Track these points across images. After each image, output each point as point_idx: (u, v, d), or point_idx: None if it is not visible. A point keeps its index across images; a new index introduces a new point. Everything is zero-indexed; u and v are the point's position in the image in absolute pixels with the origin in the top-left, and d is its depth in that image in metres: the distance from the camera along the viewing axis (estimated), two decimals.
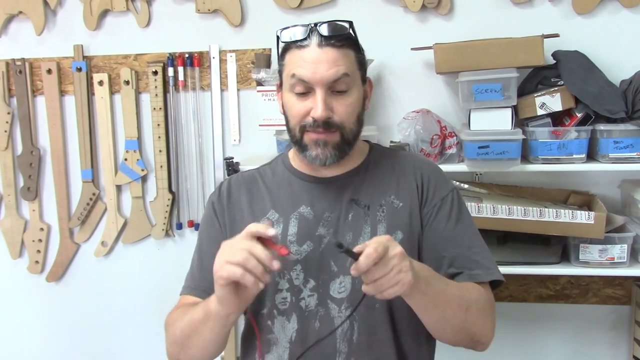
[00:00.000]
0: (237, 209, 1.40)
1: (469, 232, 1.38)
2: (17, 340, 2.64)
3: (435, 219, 1.35)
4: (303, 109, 1.28)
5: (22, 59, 2.43)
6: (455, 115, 2.21)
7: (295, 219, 1.35)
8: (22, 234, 2.55)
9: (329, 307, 1.30)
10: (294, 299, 1.31)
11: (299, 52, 1.28)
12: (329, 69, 1.25)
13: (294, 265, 1.32)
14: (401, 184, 1.38)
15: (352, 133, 1.31)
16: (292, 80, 1.28)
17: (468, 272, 1.32)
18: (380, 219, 1.34)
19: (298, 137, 1.31)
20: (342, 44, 1.27)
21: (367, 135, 2.12)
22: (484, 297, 1.30)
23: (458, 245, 1.34)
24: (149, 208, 2.47)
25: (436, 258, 1.33)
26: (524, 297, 2.30)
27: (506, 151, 1.96)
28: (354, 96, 1.30)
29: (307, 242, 1.33)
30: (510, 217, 1.97)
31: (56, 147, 2.48)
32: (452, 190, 1.40)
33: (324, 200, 1.36)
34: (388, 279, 1.08)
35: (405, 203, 1.36)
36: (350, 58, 1.29)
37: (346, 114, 1.28)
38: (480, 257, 1.35)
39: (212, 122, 2.39)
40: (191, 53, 2.35)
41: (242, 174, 1.48)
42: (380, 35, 2.23)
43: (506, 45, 1.95)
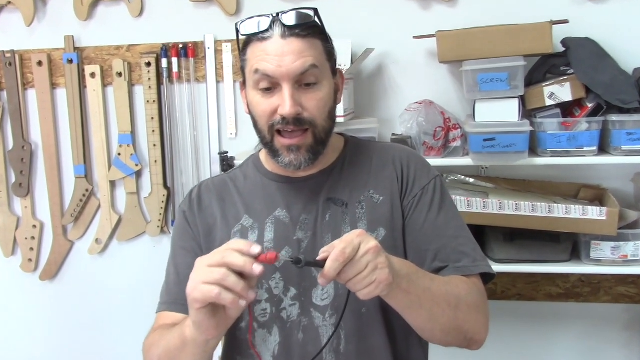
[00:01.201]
0: (209, 216, 1.31)
1: (454, 222, 1.28)
2: (10, 339, 2.58)
3: (416, 209, 1.25)
4: (269, 107, 1.19)
5: (12, 51, 2.36)
6: (460, 106, 2.12)
7: (272, 224, 1.26)
8: (14, 232, 2.48)
9: (312, 316, 1.21)
10: (274, 309, 1.22)
11: (261, 45, 1.18)
12: (294, 61, 1.15)
13: (272, 274, 1.22)
14: (380, 176, 1.29)
15: (324, 131, 1.22)
16: (256, 76, 1.18)
17: (454, 265, 1.22)
18: (360, 216, 1.25)
19: (268, 140, 1.22)
20: (308, 33, 1.18)
21: (367, 128, 2.05)
22: (474, 292, 1.19)
23: (442, 237, 1.24)
24: (143, 204, 2.39)
25: (419, 251, 1.24)
26: (532, 295, 2.21)
27: (513, 144, 1.87)
28: (324, 90, 1.20)
29: (286, 248, 1.24)
30: (517, 213, 1.88)
31: (48, 141, 2.40)
32: (434, 178, 1.30)
33: (300, 202, 1.27)
34: (362, 277, 0.98)
35: (385, 197, 1.27)
36: (317, 48, 1.19)
37: (317, 110, 1.19)
38: (466, 248, 1.25)
39: (207, 115, 2.30)
40: (185, 43, 2.26)
41: (212, 180, 1.39)
42: (382, 23, 2.14)
43: (513, 32, 1.85)
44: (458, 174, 2.12)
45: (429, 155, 1.98)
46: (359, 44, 2.09)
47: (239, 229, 1.27)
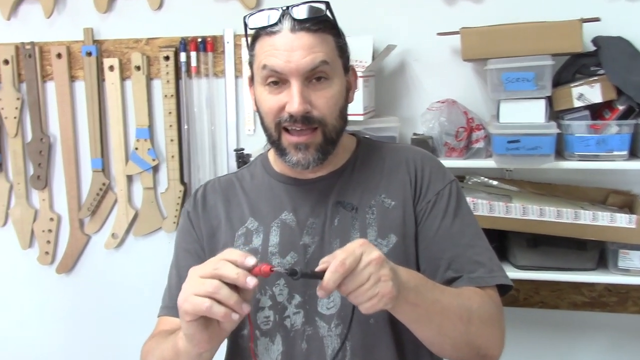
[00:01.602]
0: (213, 217, 1.27)
1: (470, 230, 1.21)
2: (26, 331, 2.57)
3: (430, 216, 1.19)
4: (277, 103, 1.13)
5: (32, 43, 2.35)
6: (485, 106, 2.04)
7: (277, 227, 1.21)
8: (32, 224, 2.47)
9: (317, 326, 1.15)
10: (277, 317, 1.17)
11: (269, 40, 1.12)
12: (304, 57, 1.10)
13: (276, 280, 1.17)
14: (393, 180, 1.22)
15: (334, 130, 1.16)
16: (264, 71, 1.13)
17: (468, 275, 1.15)
18: (370, 221, 1.18)
19: (275, 138, 1.17)
20: (319, 27, 1.12)
21: (388, 127, 1.99)
22: (488, 304, 1.13)
23: (456, 245, 1.18)
24: (160, 200, 2.36)
25: (432, 260, 1.18)
26: (556, 303, 2.13)
27: (538, 146, 1.79)
28: (335, 87, 1.15)
29: (291, 253, 1.18)
30: (542, 218, 1.80)
31: (66, 134, 2.39)
32: (449, 182, 1.23)
33: (308, 205, 1.22)
34: (364, 290, 0.92)
35: (397, 202, 1.20)
36: (328, 44, 1.14)
37: (327, 108, 1.13)
38: (482, 257, 1.18)
39: (225, 110, 2.26)
40: (204, 37, 2.22)
41: (218, 179, 1.34)
42: (404, 19, 2.07)
43: (540, 30, 1.77)
44: (481, 176, 2.05)
45: (450, 157, 1.92)
46: (381, 41, 2.03)
47: (244, 232, 1.22)
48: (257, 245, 1.20)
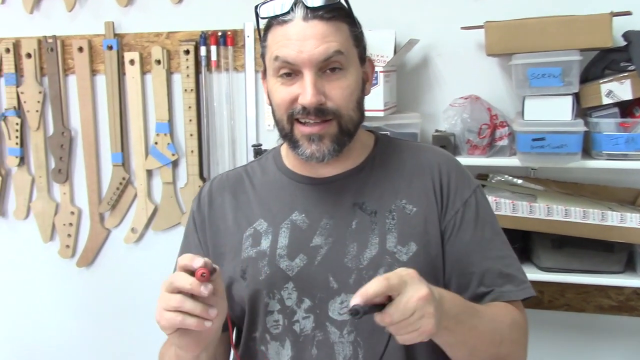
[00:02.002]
0: (220, 217, 1.22)
1: (498, 238, 1.18)
2: (46, 324, 2.59)
3: (461, 228, 1.14)
4: (289, 95, 1.08)
5: (54, 37, 2.35)
6: (510, 102, 1.98)
7: (287, 229, 1.16)
8: (53, 217, 2.48)
9: (327, 331, 1.11)
10: (286, 321, 1.13)
11: (281, 29, 1.07)
12: (317, 46, 1.05)
13: (285, 283, 1.13)
14: (415, 184, 1.17)
15: (351, 121, 1.11)
16: (276, 63, 1.08)
17: (499, 289, 1.12)
18: (390, 227, 1.13)
19: (287, 130, 1.11)
20: (333, 15, 1.06)
21: (409, 124, 1.94)
22: (517, 321, 1.11)
23: (487, 258, 1.14)
24: (179, 195, 2.35)
25: (463, 274, 1.14)
26: (582, 306, 2.06)
27: (565, 144, 1.73)
28: (350, 77, 1.09)
29: (300, 256, 1.14)
30: (567, 219, 1.75)
31: (87, 128, 2.39)
32: (475, 189, 1.19)
33: (322, 205, 1.17)
34: (406, 324, 0.89)
35: (419, 208, 1.15)
36: (343, 32, 1.08)
37: (342, 98, 1.08)
38: (511, 269, 1.15)
39: (245, 105, 2.24)
40: (224, 31, 2.20)
41: (227, 174, 1.29)
42: (428, 12, 2.02)
43: (568, 24, 1.71)
44: (505, 174, 1.99)
45: (472, 154, 1.87)
46: (403, 35, 1.98)
47: (252, 233, 1.18)
48: (265, 247, 1.16)
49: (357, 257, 1.11)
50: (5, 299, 2.61)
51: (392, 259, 1.11)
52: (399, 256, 1.11)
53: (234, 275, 1.16)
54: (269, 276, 1.13)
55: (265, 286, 1.14)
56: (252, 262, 1.15)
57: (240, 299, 1.17)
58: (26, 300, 2.59)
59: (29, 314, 2.60)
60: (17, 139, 2.44)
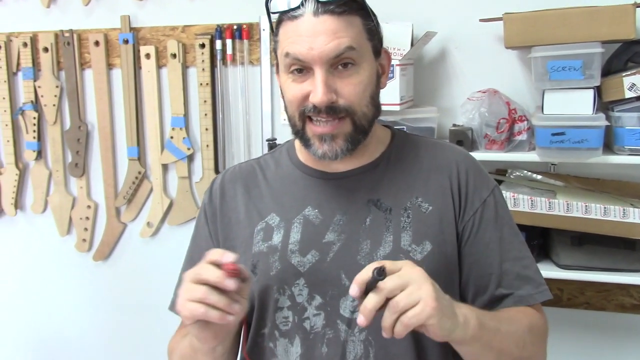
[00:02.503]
0: (232, 210, 1.20)
1: (517, 239, 1.16)
2: (63, 317, 2.60)
3: (480, 228, 1.12)
4: (300, 92, 1.06)
5: (70, 30, 2.35)
6: (529, 96, 1.94)
7: (299, 224, 1.14)
8: (70, 211, 2.49)
9: (338, 329, 1.09)
10: (296, 318, 1.11)
11: (292, 25, 1.04)
12: (328, 43, 1.02)
13: (296, 279, 1.11)
14: (431, 182, 1.15)
15: (365, 118, 1.08)
16: (287, 59, 1.05)
17: (518, 293, 1.11)
18: (405, 225, 1.11)
19: (299, 128, 1.09)
20: (344, 9, 1.03)
21: (426, 118, 1.91)
22: (536, 324, 1.09)
23: (506, 259, 1.12)
24: (195, 189, 2.35)
25: (481, 276, 1.12)
26: (602, 305, 2.02)
27: (585, 139, 1.69)
28: (364, 73, 1.06)
29: (312, 252, 1.12)
30: (587, 215, 1.71)
31: (103, 122, 2.39)
32: (493, 188, 1.16)
33: (335, 201, 1.14)
34: (406, 295, 0.88)
35: (435, 207, 1.13)
36: (355, 26, 1.05)
37: (355, 95, 1.05)
38: (529, 271, 1.14)
39: (261, 99, 2.22)
40: (240, 25, 2.18)
41: (239, 166, 1.26)
42: (445, 4, 1.99)
43: (589, 15, 1.66)
44: (524, 170, 1.95)
45: (490, 149, 1.83)
46: (421, 27, 1.94)
47: (263, 227, 1.16)
48: (276, 242, 1.14)
49: (370, 254, 1.09)
50: (23, 292, 2.62)
51: (406, 257, 1.09)
52: (413, 255, 1.09)
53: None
54: (279, 272, 1.12)
55: (276, 282, 1.12)
56: (263, 257, 1.14)
57: (249, 294, 1.15)
58: (43, 294, 2.60)
59: (46, 308, 2.61)
60: (35, 133, 2.44)
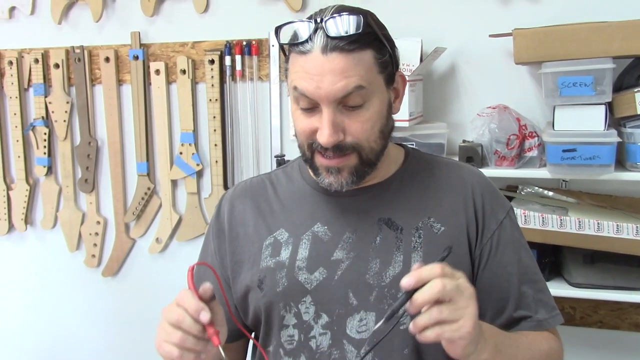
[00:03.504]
0: (240, 224, 1.19)
1: (532, 261, 1.15)
2: (73, 333, 2.60)
3: (497, 251, 1.11)
4: (309, 127, 1.04)
5: (81, 47, 2.36)
6: (541, 112, 1.93)
7: (308, 240, 1.13)
8: (79, 227, 2.49)
9: (344, 349, 1.07)
10: (302, 337, 1.09)
11: (300, 59, 1.01)
12: (336, 83, 0.99)
13: (302, 297, 1.09)
14: (444, 202, 1.13)
15: (373, 152, 1.06)
16: (295, 93, 1.04)
17: (536, 317, 1.11)
18: (416, 245, 1.09)
19: (308, 157, 1.09)
20: (355, 47, 0.99)
21: (435, 134, 1.90)
22: (555, 349, 1.11)
23: (524, 281, 1.11)
24: (204, 205, 2.34)
25: (500, 299, 1.11)
26: (616, 323, 1.98)
27: (597, 156, 1.67)
28: (372, 109, 1.04)
29: (320, 269, 1.10)
30: (599, 233, 1.68)
31: (113, 138, 2.39)
32: (508, 210, 1.15)
33: (345, 218, 1.13)
34: (455, 308, 0.89)
35: (447, 228, 1.11)
36: (365, 63, 1.01)
37: (362, 133, 1.03)
38: (544, 295, 1.14)
39: (270, 115, 2.22)
40: (249, 41, 2.18)
41: (250, 181, 1.26)
42: (455, 20, 1.98)
43: (600, 30, 1.64)
44: (535, 186, 1.93)
45: (500, 166, 1.81)
46: (430, 42, 1.94)
47: (271, 242, 1.15)
48: (284, 258, 1.13)
49: (379, 274, 1.08)
50: (32, 307, 2.62)
51: None
52: None
53: (251, 284, 1.14)
54: (286, 288, 1.10)
55: (282, 298, 1.11)
56: (270, 273, 1.12)
57: (256, 309, 1.14)
58: (52, 309, 2.60)
59: (55, 323, 2.61)
60: (45, 149, 2.46)
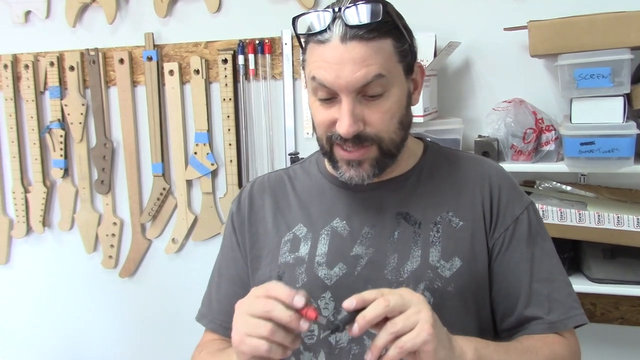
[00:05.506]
0: (259, 220, 1.19)
1: (550, 261, 1.11)
2: (90, 334, 2.61)
3: (510, 246, 1.09)
4: (328, 118, 1.03)
5: (96, 49, 2.37)
6: (556, 105, 1.90)
7: (327, 236, 1.12)
8: (96, 228, 2.50)
9: (364, 345, 1.05)
10: (322, 332, 1.08)
11: (318, 49, 1.00)
12: (355, 72, 0.97)
13: (322, 292, 1.08)
14: (463, 197, 1.11)
15: (393, 143, 1.05)
16: (313, 83, 1.02)
17: (547, 317, 1.06)
18: (434, 240, 1.08)
19: (327, 150, 1.07)
20: (374, 35, 0.98)
21: (450, 129, 1.88)
22: (560, 355, 1.05)
23: (535, 280, 1.08)
24: (219, 204, 2.34)
25: (510, 295, 1.08)
26: (638, 319, 1.95)
27: (615, 148, 1.64)
28: (392, 98, 1.02)
29: (339, 264, 1.09)
30: (619, 227, 1.66)
31: (128, 139, 2.40)
32: (527, 205, 1.12)
33: (364, 213, 1.12)
34: (405, 317, 0.86)
35: (466, 222, 1.09)
36: (385, 52, 1.00)
37: (382, 123, 1.02)
38: (561, 294, 1.09)
39: (284, 113, 2.21)
40: (262, 39, 2.18)
41: (268, 176, 1.25)
42: (469, 14, 1.96)
43: (618, 21, 1.62)
44: (553, 181, 1.90)
45: (517, 160, 1.79)
46: (444, 37, 1.92)
47: (290, 238, 1.14)
48: (303, 254, 1.12)
49: (397, 269, 1.06)
50: (51, 309, 2.64)
51: (434, 273, 1.06)
52: (442, 271, 1.06)
53: (270, 280, 1.12)
54: (306, 284, 1.09)
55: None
56: (289, 268, 1.12)
57: None
58: (70, 311, 2.61)
59: (74, 324, 2.62)
60: (62, 151, 2.47)
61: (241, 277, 1.20)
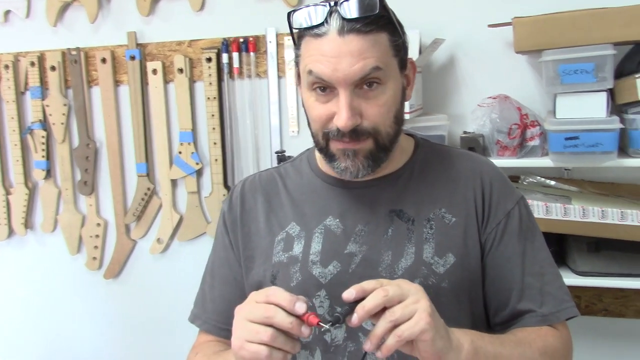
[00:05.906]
0: (251, 219, 1.18)
1: (541, 254, 1.12)
2: (75, 336, 2.58)
3: (502, 241, 1.10)
4: (325, 112, 1.03)
5: (77, 48, 2.35)
6: (541, 101, 1.92)
7: (320, 234, 1.12)
8: (79, 229, 2.48)
9: (360, 342, 1.06)
10: (317, 330, 1.07)
11: (315, 43, 1.00)
12: (353, 64, 0.98)
13: (317, 291, 1.09)
14: (456, 193, 1.12)
15: (388, 137, 1.06)
16: (310, 77, 1.02)
17: (540, 310, 1.07)
18: (428, 236, 1.08)
19: (323, 145, 1.07)
20: (371, 28, 0.99)
21: (436, 126, 1.89)
22: (554, 347, 1.06)
23: (527, 274, 1.09)
24: (204, 204, 2.33)
25: (503, 290, 1.09)
26: (621, 311, 1.98)
27: (599, 143, 1.66)
28: (388, 92, 1.03)
29: (333, 263, 1.09)
30: (603, 220, 1.68)
31: (111, 139, 2.38)
32: (518, 201, 1.14)
33: (357, 211, 1.12)
34: (403, 306, 0.86)
35: (459, 218, 1.10)
36: (381, 45, 1.01)
37: (379, 117, 1.02)
38: (552, 287, 1.10)
39: (269, 111, 2.21)
40: (246, 37, 2.17)
41: (259, 175, 1.24)
42: (453, 11, 1.97)
43: (601, 17, 1.64)
44: (537, 176, 1.92)
45: (502, 156, 1.81)
46: (428, 34, 1.94)
47: (284, 237, 1.14)
48: (297, 252, 1.12)
49: (392, 266, 1.07)
50: (34, 312, 2.61)
51: (428, 270, 1.07)
52: (436, 267, 1.07)
53: (264, 280, 1.13)
54: (300, 283, 1.10)
55: (297, 293, 1.09)
56: (283, 268, 1.12)
57: None
58: (55, 314, 2.58)
59: (58, 328, 2.59)
60: (44, 152, 2.44)
61: (235, 277, 1.19)
